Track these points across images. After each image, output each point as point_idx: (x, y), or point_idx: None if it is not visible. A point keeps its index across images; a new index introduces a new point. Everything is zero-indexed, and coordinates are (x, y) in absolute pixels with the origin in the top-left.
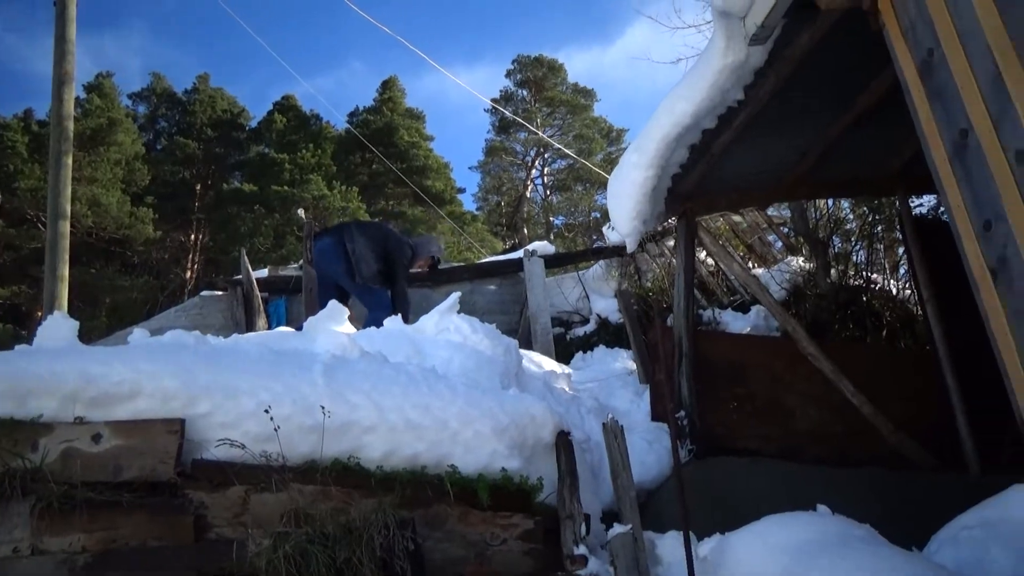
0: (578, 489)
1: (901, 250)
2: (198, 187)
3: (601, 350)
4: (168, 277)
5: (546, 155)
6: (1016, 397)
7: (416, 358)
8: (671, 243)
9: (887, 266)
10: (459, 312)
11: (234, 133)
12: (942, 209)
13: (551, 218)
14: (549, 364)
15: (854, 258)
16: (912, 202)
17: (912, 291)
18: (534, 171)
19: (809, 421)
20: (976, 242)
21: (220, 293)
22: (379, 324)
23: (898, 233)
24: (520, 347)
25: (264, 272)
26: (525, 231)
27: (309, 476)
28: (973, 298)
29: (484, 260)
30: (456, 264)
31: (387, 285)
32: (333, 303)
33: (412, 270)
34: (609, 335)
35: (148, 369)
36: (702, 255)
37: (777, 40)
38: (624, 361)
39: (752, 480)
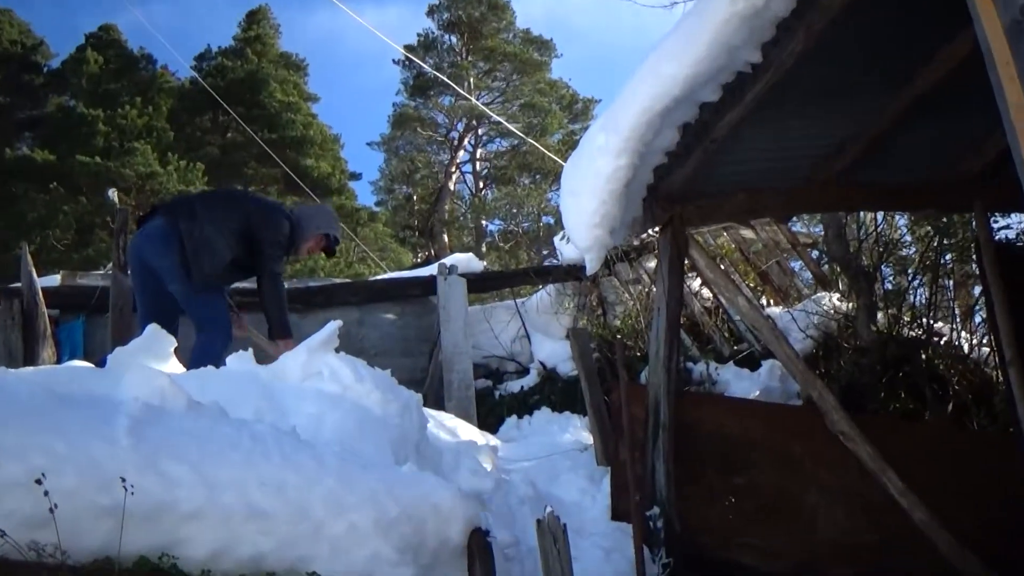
0: None
1: (978, 289)
2: None
3: (544, 414)
4: None
5: (480, 131)
6: None
7: (270, 414)
8: (651, 264)
9: (957, 312)
10: (338, 351)
11: (25, 76)
12: None
13: (483, 221)
14: (468, 431)
15: (911, 298)
16: (995, 222)
17: (991, 348)
18: (462, 153)
19: (835, 528)
20: None
21: None
22: (213, 355)
23: (974, 265)
24: (427, 405)
25: (56, 279)
26: (445, 238)
27: None
28: None
29: (382, 277)
30: (339, 281)
31: (243, 279)
32: (154, 327)
33: (299, 257)
34: (556, 393)
35: None
36: (695, 284)
37: None
38: (576, 432)
39: None
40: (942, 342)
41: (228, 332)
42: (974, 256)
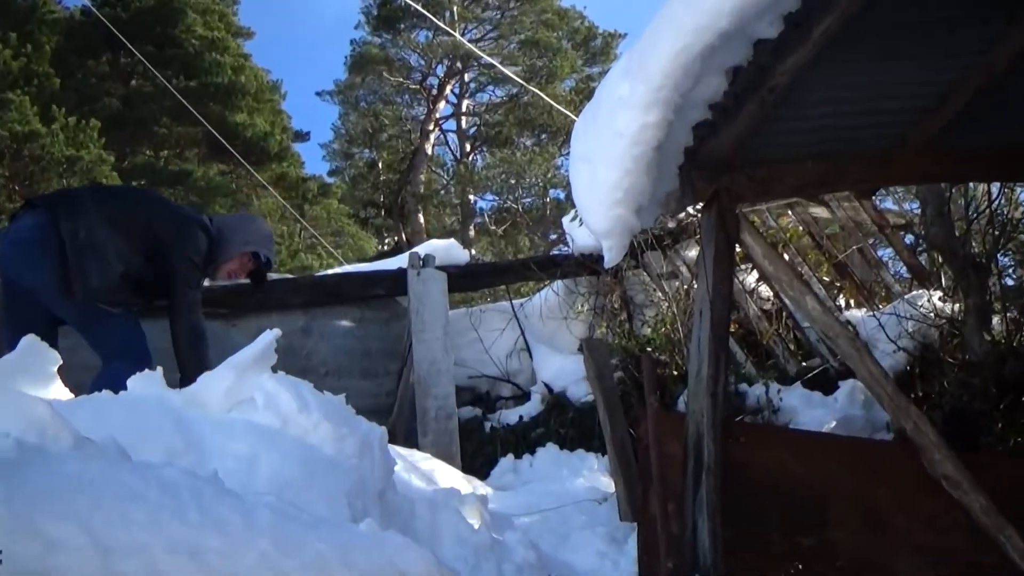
0: None
1: None
2: None
3: (550, 453)
4: None
5: (467, 77)
6: None
7: (186, 454)
8: (691, 254)
9: None
10: (276, 370)
11: None
12: None
13: (471, 197)
14: (449, 476)
15: None
16: None
17: None
18: (443, 106)
19: None
20: None
21: None
22: (117, 384)
23: None
24: (394, 441)
25: None
26: (420, 219)
27: None
28: None
29: (336, 271)
30: (279, 277)
31: (145, 304)
32: (30, 340)
33: (214, 281)
34: (566, 425)
35: None
36: (749, 279)
37: None
38: (592, 476)
39: None
40: None
41: (147, 358)
42: None
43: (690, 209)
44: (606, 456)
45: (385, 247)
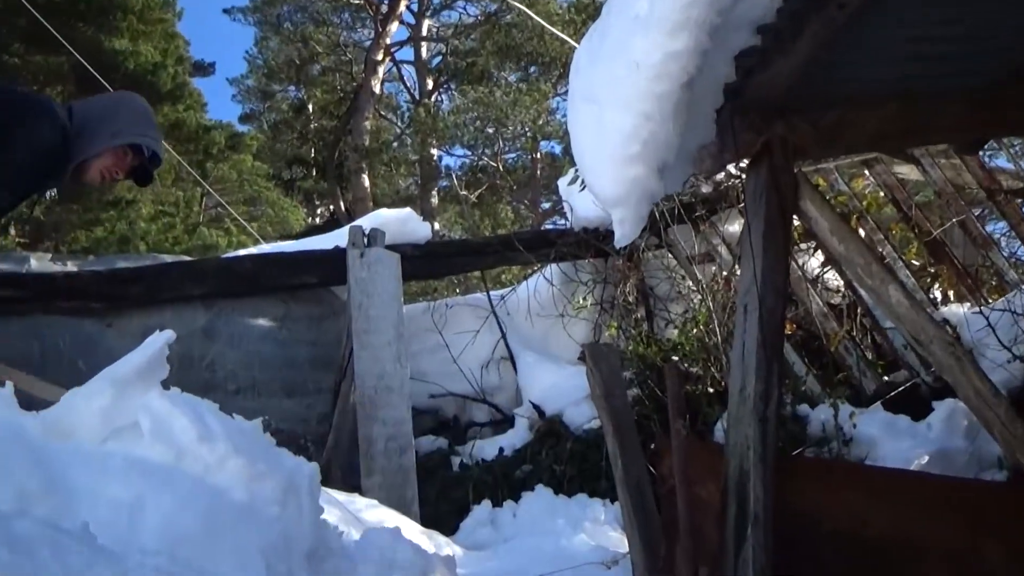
0: None
1: None
2: None
3: (541, 498)
4: None
5: None
6: None
7: (47, 500)
8: (733, 229)
9: None
10: (168, 385)
11: None
12: None
13: (433, 151)
14: (403, 530)
15: None
16: None
17: None
18: (395, 28)
19: None
20: None
21: None
22: None
23: None
24: (329, 482)
25: None
26: (365, 182)
27: None
28: None
29: (250, 252)
30: (172, 259)
31: None
32: None
33: (83, 183)
34: (563, 460)
35: None
36: (812, 262)
37: None
38: (598, 530)
39: None
40: None
41: None
42: None
43: (732, 168)
44: (616, 503)
45: (318, 219)
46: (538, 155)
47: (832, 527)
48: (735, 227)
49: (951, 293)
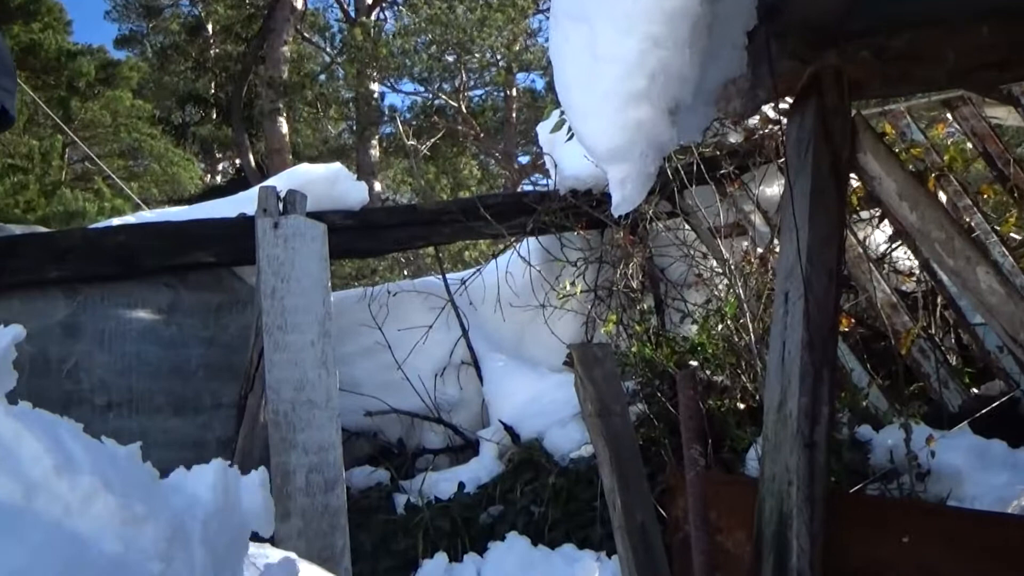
0: None
1: None
2: None
3: (514, 551)
4: None
5: None
6: None
7: None
8: (771, 191)
9: None
10: (16, 400)
11: None
12: None
13: (372, 86)
14: None
15: None
16: None
17: None
18: None
19: None
20: None
21: None
22: None
23: None
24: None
25: None
26: (283, 127)
27: None
28: None
29: (128, 222)
30: (23, 231)
31: None
32: None
33: None
34: (543, 500)
35: None
36: (876, 235)
37: None
38: None
39: None
40: None
41: None
42: None
43: (769, 111)
44: (614, 557)
45: (219, 178)
46: (513, 92)
47: None
48: (773, 189)
49: None
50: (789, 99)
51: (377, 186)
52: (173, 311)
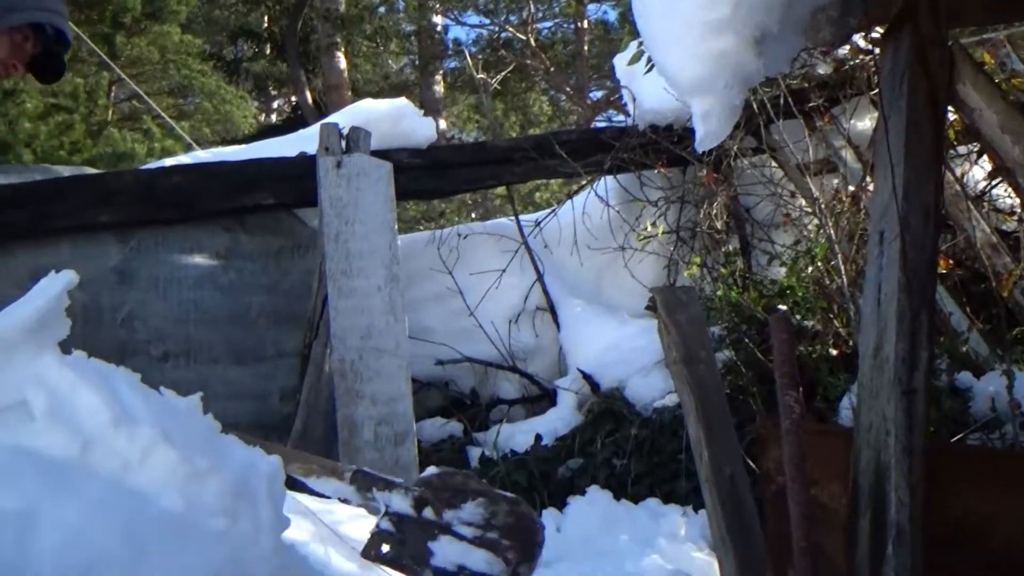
0: None
1: None
2: None
3: (595, 505)
4: None
5: None
6: None
7: None
8: (864, 125)
9: None
10: (68, 348)
11: None
12: None
13: (435, 19)
14: None
15: None
16: None
17: None
18: None
19: None
20: None
21: None
22: None
23: None
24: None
25: None
26: (341, 63)
27: None
28: None
29: (181, 162)
30: (71, 173)
31: None
32: None
33: None
34: (624, 452)
35: None
36: (974, 172)
37: None
38: (676, 548)
39: None
40: None
41: None
42: None
43: (860, 40)
44: (702, 511)
45: (274, 117)
46: (584, 23)
47: (1005, 542)
48: (865, 123)
49: None
50: (881, 28)
51: (442, 124)
52: (232, 256)
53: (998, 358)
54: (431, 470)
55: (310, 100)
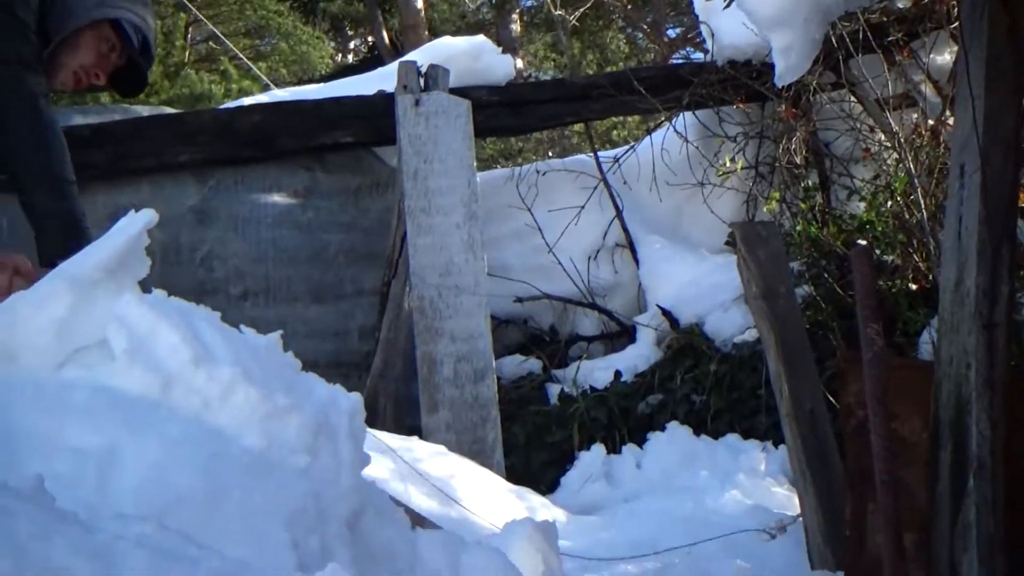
0: None
1: None
2: None
3: (675, 440)
4: None
5: None
6: None
7: None
8: (943, 59)
9: None
10: (148, 287)
11: None
12: None
13: None
14: (482, 488)
15: None
16: None
17: None
18: None
19: None
20: None
21: None
22: None
23: None
24: (380, 423)
25: None
26: (417, 3)
27: None
28: None
29: (259, 101)
30: (150, 113)
31: None
32: None
33: (52, 90)
34: (703, 388)
35: None
36: None
37: None
38: (756, 483)
39: None
40: None
41: None
42: None
43: None
44: (781, 446)
45: (351, 57)
46: None
47: None
48: (945, 57)
49: None
50: None
51: (519, 63)
52: (310, 195)
53: None
54: None
55: (387, 40)
